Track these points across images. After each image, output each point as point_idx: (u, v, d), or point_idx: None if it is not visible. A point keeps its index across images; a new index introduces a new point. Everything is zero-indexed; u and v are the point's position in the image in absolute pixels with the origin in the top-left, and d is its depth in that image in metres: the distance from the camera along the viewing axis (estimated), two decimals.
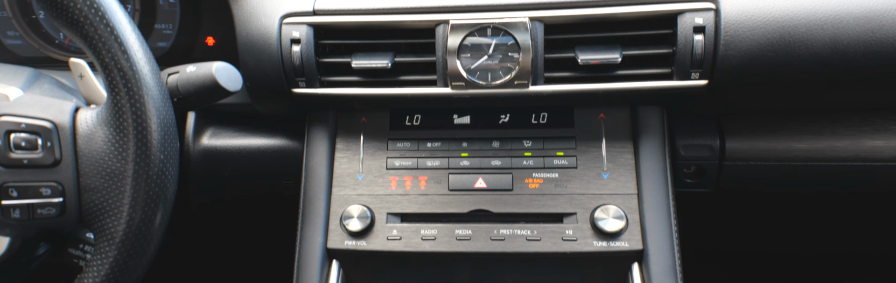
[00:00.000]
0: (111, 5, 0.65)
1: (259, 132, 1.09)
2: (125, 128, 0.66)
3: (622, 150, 0.98)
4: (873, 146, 1.01)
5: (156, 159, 0.66)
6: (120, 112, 0.66)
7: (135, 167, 0.66)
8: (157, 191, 0.67)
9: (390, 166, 0.99)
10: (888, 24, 0.83)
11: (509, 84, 0.90)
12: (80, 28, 0.64)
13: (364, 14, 0.91)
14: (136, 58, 0.65)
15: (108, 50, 0.64)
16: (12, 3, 1.14)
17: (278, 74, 0.92)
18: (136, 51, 0.66)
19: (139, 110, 0.65)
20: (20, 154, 0.66)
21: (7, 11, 1.15)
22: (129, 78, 0.65)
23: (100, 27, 0.64)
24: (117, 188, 0.67)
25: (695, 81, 0.89)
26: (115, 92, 0.66)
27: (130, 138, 0.66)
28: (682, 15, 0.87)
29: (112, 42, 0.64)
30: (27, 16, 1.15)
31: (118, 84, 0.65)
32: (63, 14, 0.64)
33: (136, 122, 0.65)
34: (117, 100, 0.66)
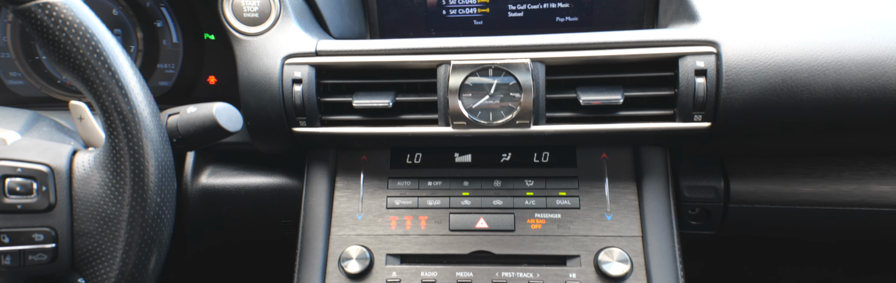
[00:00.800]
0: (114, 50, 0.66)
1: (258, 171, 1.09)
2: (122, 171, 0.65)
3: (625, 190, 0.97)
4: (880, 192, 1.00)
5: (152, 203, 0.65)
6: (118, 155, 0.66)
7: (130, 211, 0.65)
8: (152, 235, 0.66)
9: (390, 206, 0.98)
10: (890, 70, 0.83)
11: (511, 124, 0.89)
12: (82, 72, 0.65)
13: (366, 55, 0.92)
14: (137, 101, 0.66)
15: (108, 93, 0.65)
16: (16, 44, 1.16)
17: (279, 114, 0.92)
18: (137, 94, 0.66)
19: (137, 153, 0.65)
20: (14, 199, 0.66)
21: (10, 53, 1.17)
22: (128, 121, 0.65)
23: (101, 71, 0.64)
24: (111, 233, 0.66)
25: (698, 124, 0.88)
26: (113, 135, 0.65)
27: (127, 182, 0.65)
28: (683, 58, 0.87)
29: (113, 86, 0.64)
30: (30, 57, 1.17)
31: (117, 127, 0.65)
32: (66, 59, 0.64)
33: (133, 165, 0.65)
34: (116, 143, 0.65)
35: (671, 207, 0.96)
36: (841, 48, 0.84)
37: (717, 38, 0.87)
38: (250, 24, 0.95)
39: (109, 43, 0.66)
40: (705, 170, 1.05)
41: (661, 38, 0.88)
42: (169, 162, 0.68)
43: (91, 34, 0.64)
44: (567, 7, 1.11)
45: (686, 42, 0.87)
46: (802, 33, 0.86)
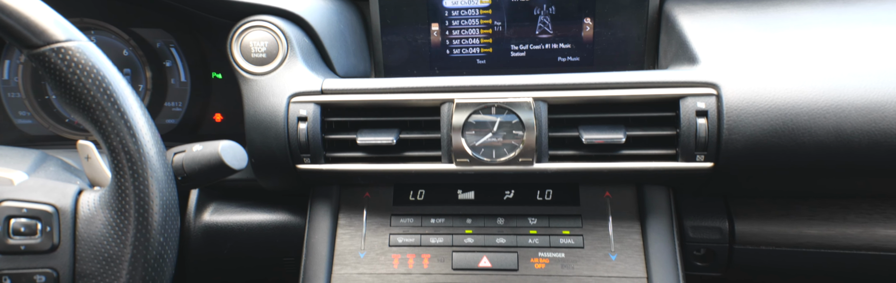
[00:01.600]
0: (124, 91, 0.67)
1: (261, 208, 1.10)
2: (127, 210, 0.66)
3: (629, 230, 0.97)
4: (886, 235, 1.00)
5: (155, 242, 0.66)
6: (123, 194, 0.66)
7: (133, 251, 0.65)
8: (154, 276, 0.66)
9: (393, 243, 0.98)
10: (890, 115, 0.84)
11: (514, 161, 0.90)
12: (92, 113, 0.66)
13: (371, 93, 0.93)
14: (144, 141, 0.66)
15: (116, 133, 0.65)
16: (27, 84, 1.19)
17: (284, 151, 0.93)
18: (144, 134, 0.67)
19: (142, 192, 0.65)
20: (18, 240, 0.66)
21: (21, 92, 1.19)
22: (135, 160, 0.65)
23: (111, 112, 0.65)
24: (113, 274, 0.66)
25: (700, 164, 0.89)
26: (120, 174, 0.66)
27: (131, 221, 0.65)
28: (684, 99, 0.88)
29: (122, 126, 0.65)
30: (40, 97, 1.19)
31: (123, 166, 0.66)
32: (77, 100, 0.66)
33: (138, 204, 0.65)
34: (121, 182, 0.66)
35: (676, 247, 0.96)
36: (840, 93, 0.85)
37: (718, 81, 0.88)
38: (258, 63, 0.97)
39: (120, 85, 0.67)
40: (710, 210, 1.05)
41: (662, 79, 0.90)
42: (173, 202, 0.68)
43: (102, 76, 0.66)
44: (569, 47, 1.13)
45: (687, 83, 0.89)
46: (802, 77, 0.87)
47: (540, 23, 1.13)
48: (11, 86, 1.20)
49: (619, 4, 1.10)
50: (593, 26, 1.12)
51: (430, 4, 1.13)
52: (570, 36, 1.13)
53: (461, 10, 1.12)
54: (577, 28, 1.12)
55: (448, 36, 1.14)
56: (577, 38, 1.13)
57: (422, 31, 1.14)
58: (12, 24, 0.64)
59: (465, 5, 1.12)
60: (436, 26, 1.14)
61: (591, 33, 1.12)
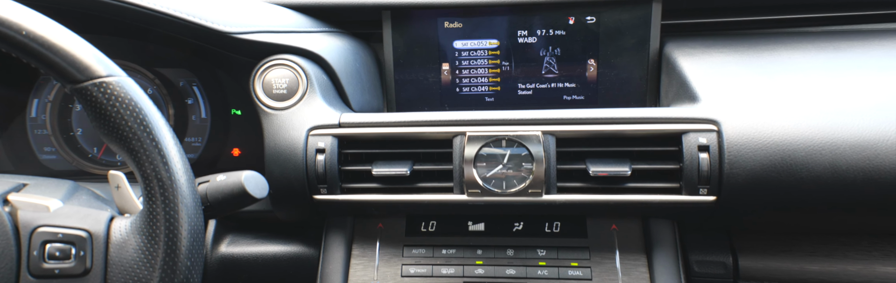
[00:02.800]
0: (158, 123, 0.71)
1: (275, 240, 1.12)
2: (157, 235, 0.68)
3: (636, 263, 0.99)
4: (885, 272, 1.02)
5: (182, 266, 0.68)
6: (154, 220, 0.69)
7: (161, 274, 0.68)
8: None
9: (405, 274, 1.00)
10: (882, 152, 0.87)
11: (523, 193, 0.93)
12: (129, 143, 0.69)
13: (386, 126, 0.97)
14: (176, 169, 0.70)
15: (151, 162, 0.69)
16: (54, 121, 1.24)
17: (302, 182, 0.96)
18: (176, 163, 0.70)
19: (172, 218, 0.68)
20: (52, 264, 0.69)
21: (47, 129, 1.24)
22: (166, 187, 0.69)
23: (146, 142, 0.69)
24: None
25: (703, 197, 0.92)
26: (151, 201, 0.69)
27: (161, 245, 0.68)
28: (686, 134, 0.92)
29: (156, 155, 0.69)
30: (65, 133, 1.24)
31: (156, 193, 0.69)
32: (114, 131, 0.69)
33: (167, 229, 0.68)
34: (153, 208, 0.69)
35: (682, 281, 0.98)
36: (834, 130, 0.89)
37: (718, 117, 0.91)
38: (279, 99, 1.01)
39: (155, 117, 0.71)
40: (714, 245, 1.07)
41: (666, 115, 0.93)
42: (200, 228, 0.71)
43: (140, 109, 0.70)
44: (574, 87, 1.18)
45: (688, 120, 0.93)
46: (797, 116, 0.91)
47: (546, 63, 1.19)
48: (39, 123, 1.24)
49: (621, 47, 1.16)
50: (597, 67, 1.17)
51: (441, 46, 1.19)
52: (575, 76, 1.19)
53: (470, 51, 1.19)
54: (582, 69, 1.18)
55: (458, 75, 1.20)
56: (581, 78, 1.18)
57: (433, 71, 1.20)
58: (58, 61, 0.68)
59: (474, 47, 1.18)
60: (446, 66, 1.20)
61: (594, 74, 1.18)
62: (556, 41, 1.17)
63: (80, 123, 1.25)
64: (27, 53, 0.67)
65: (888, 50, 1.03)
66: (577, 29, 1.16)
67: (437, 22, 1.18)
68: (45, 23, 0.68)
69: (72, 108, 1.24)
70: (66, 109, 1.24)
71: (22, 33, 0.66)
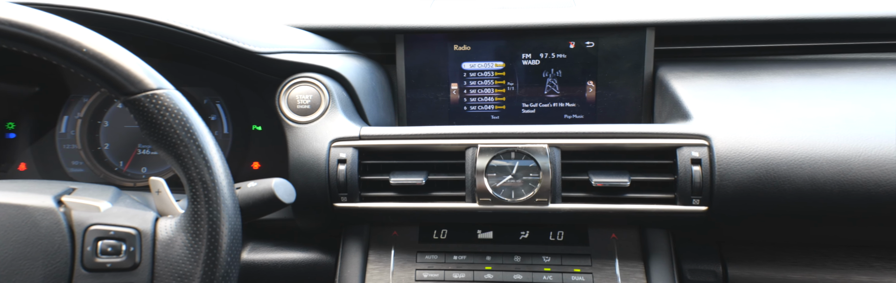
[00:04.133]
0: (203, 131, 0.76)
1: (294, 247, 1.16)
2: (200, 233, 0.73)
3: (634, 269, 1.04)
4: (860, 281, 1.07)
5: (223, 262, 0.72)
6: (198, 219, 0.73)
7: (204, 269, 0.72)
8: None
9: (419, 278, 1.05)
10: (855, 167, 0.93)
11: (531, 201, 0.98)
12: (176, 148, 0.74)
13: (403, 139, 1.03)
14: (218, 173, 0.74)
15: (195, 166, 0.73)
16: (83, 136, 1.28)
17: (324, 190, 1.02)
18: (218, 168, 0.75)
19: (215, 217, 0.73)
20: (104, 259, 0.73)
21: (77, 144, 1.29)
22: (209, 189, 0.73)
23: (192, 149, 0.74)
24: None
25: (696, 207, 0.97)
26: (195, 202, 0.74)
27: (204, 242, 0.72)
28: (680, 148, 0.98)
29: (200, 160, 0.74)
30: (93, 147, 1.29)
31: (200, 195, 0.73)
32: (163, 138, 0.74)
33: (210, 227, 0.72)
34: (197, 208, 0.73)
35: None
36: (813, 146, 0.95)
37: (709, 133, 0.98)
38: (302, 114, 1.07)
39: (200, 126, 0.76)
40: (705, 255, 1.12)
41: (661, 130, 1.00)
42: (239, 227, 0.75)
43: (187, 119, 0.75)
44: (574, 106, 1.25)
45: (682, 135, 0.99)
46: (779, 133, 0.97)
47: (548, 84, 1.24)
48: (68, 138, 1.29)
49: (618, 70, 1.22)
50: (596, 88, 1.23)
51: (451, 67, 1.25)
52: (575, 96, 1.24)
53: (478, 72, 1.25)
54: (582, 89, 1.24)
55: (466, 94, 1.25)
56: (581, 99, 1.24)
57: (442, 90, 1.26)
58: (114, 75, 0.73)
59: (481, 68, 1.24)
60: (455, 86, 1.25)
61: (593, 94, 1.23)
62: (558, 64, 1.24)
63: (107, 138, 1.30)
64: (86, 69, 0.72)
65: (858, 77, 1.10)
66: (577, 53, 1.23)
67: (447, 45, 1.25)
68: (102, 41, 0.73)
69: (100, 124, 1.29)
70: (94, 125, 1.29)
71: (82, 51, 0.71)
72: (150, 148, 1.28)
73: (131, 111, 0.75)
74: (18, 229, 0.70)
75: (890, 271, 1.06)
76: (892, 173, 0.92)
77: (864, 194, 0.92)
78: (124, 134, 1.30)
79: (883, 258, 1.07)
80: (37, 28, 0.70)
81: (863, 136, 0.95)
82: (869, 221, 0.96)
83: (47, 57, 0.72)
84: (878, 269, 1.06)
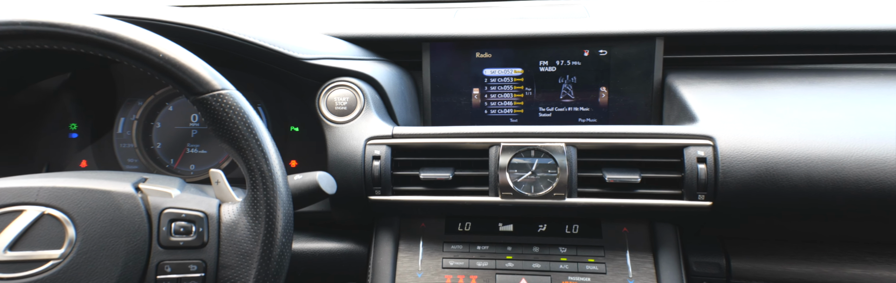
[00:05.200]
0: (260, 127, 0.84)
1: (330, 238, 1.23)
2: (259, 217, 0.81)
3: (644, 260, 1.11)
4: (853, 274, 1.12)
5: (279, 242, 0.80)
6: (256, 204, 0.81)
7: (263, 248, 0.80)
8: (277, 268, 0.80)
9: (445, 266, 1.12)
10: (848, 166, 0.98)
11: (549, 196, 1.05)
12: (238, 142, 0.82)
13: (432, 137, 1.10)
14: (274, 164, 0.83)
15: (254, 158, 0.82)
16: (138, 137, 1.38)
17: (360, 184, 1.09)
18: (274, 159, 0.83)
19: (271, 203, 0.81)
20: (177, 238, 0.81)
21: (133, 143, 1.38)
22: (266, 178, 0.82)
23: (252, 142, 0.82)
24: (247, 266, 0.80)
25: (701, 202, 1.03)
26: (254, 189, 0.82)
27: (262, 225, 0.80)
28: (687, 148, 1.04)
29: (259, 153, 0.82)
30: (147, 147, 1.38)
31: (258, 183, 0.82)
32: (227, 132, 0.82)
33: (267, 212, 0.81)
34: (255, 195, 0.82)
35: (682, 277, 1.09)
36: (809, 147, 1.01)
37: (714, 134, 1.04)
38: (340, 114, 1.15)
39: (258, 122, 0.84)
40: (710, 249, 1.18)
41: (670, 131, 1.06)
42: (291, 212, 0.83)
43: (247, 116, 0.83)
44: (588, 110, 1.31)
45: (689, 135, 1.05)
46: (778, 134, 1.03)
47: (563, 89, 1.30)
48: (124, 138, 1.39)
49: (629, 77, 1.28)
50: (608, 93, 1.29)
51: (473, 74, 1.32)
52: (589, 101, 1.30)
53: (498, 78, 1.32)
54: (595, 95, 1.30)
55: (487, 98, 1.33)
56: (594, 103, 1.30)
57: (465, 95, 1.33)
58: (185, 77, 0.81)
59: (501, 74, 1.32)
60: (476, 91, 1.32)
61: (606, 99, 1.29)
62: (573, 71, 1.30)
63: (159, 138, 1.38)
64: (161, 72, 0.81)
65: (852, 85, 1.16)
66: (590, 60, 1.29)
67: (470, 52, 1.31)
68: (175, 47, 0.82)
69: (153, 125, 1.38)
70: (148, 126, 1.38)
71: (159, 56, 0.80)
72: (197, 147, 1.37)
73: (199, 109, 0.83)
74: (104, 211, 0.79)
75: (882, 264, 1.12)
76: (882, 172, 0.98)
77: (856, 190, 0.98)
78: (174, 134, 1.39)
79: (875, 253, 1.13)
80: (121, 37, 0.80)
81: (855, 137, 1.01)
82: (860, 216, 1.02)
83: (129, 62, 0.81)
84: (870, 263, 1.12)
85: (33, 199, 0.79)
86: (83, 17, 0.79)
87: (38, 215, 0.78)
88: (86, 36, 0.79)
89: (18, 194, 0.80)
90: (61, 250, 0.77)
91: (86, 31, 0.79)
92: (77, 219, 0.79)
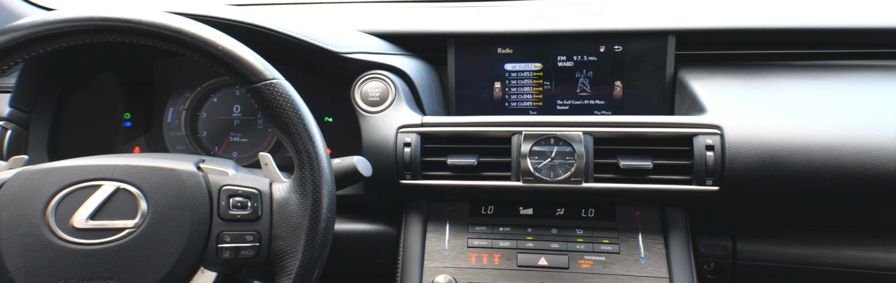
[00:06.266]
0: (307, 113, 0.91)
1: (362, 220, 1.31)
2: (306, 194, 0.89)
3: (655, 242, 1.18)
4: (850, 255, 1.18)
5: (325, 217, 0.88)
6: (304, 183, 0.89)
7: (310, 222, 0.88)
8: (323, 240, 0.88)
9: (470, 245, 1.20)
10: (846, 153, 1.04)
11: (567, 181, 1.11)
12: (287, 127, 0.90)
13: (459, 126, 1.16)
14: (319, 147, 0.91)
15: (302, 141, 0.90)
16: (186, 126, 1.47)
17: (392, 169, 1.16)
18: (319, 143, 0.91)
19: (317, 181, 0.89)
20: (235, 212, 0.89)
21: (181, 132, 1.48)
22: (313, 159, 0.89)
23: (300, 127, 0.90)
24: (297, 237, 0.88)
25: (709, 187, 1.09)
26: (302, 169, 0.89)
27: (309, 201, 0.88)
28: (696, 137, 1.09)
29: (306, 136, 0.90)
30: (194, 135, 1.48)
31: (305, 163, 0.89)
32: (278, 118, 0.90)
33: (314, 189, 0.89)
34: (303, 174, 0.90)
35: (691, 257, 1.15)
36: (810, 135, 1.06)
37: (721, 123, 1.09)
38: (373, 105, 1.23)
39: (305, 109, 0.91)
40: (717, 232, 1.24)
41: (680, 121, 1.12)
42: (334, 190, 0.91)
43: (296, 103, 0.91)
44: (603, 103, 1.37)
45: (698, 125, 1.10)
46: (781, 124, 1.08)
47: (580, 84, 1.36)
48: (173, 126, 1.48)
49: (642, 71, 1.33)
50: (622, 87, 1.35)
51: (495, 68, 1.38)
52: (604, 95, 1.36)
53: (518, 73, 1.38)
54: (610, 88, 1.36)
55: (507, 92, 1.39)
56: (609, 97, 1.36)
57: (487, 88, 1.39)
58: (241, 68, 0.89)
59: (521, 69, 1.38)
60: (498, 84, 1.39)
61: (620, 93, 1.35)
62: (589, 65, 1.35)
63: (205, 127, 1.47)
64: (219, 63, 0.89)
65: (853, 79, 1.22)
66: (606, 56, 1.34)
67: (492, 48, 1.37)
68: (232, 41, 0.90)
69: (199, 115, 1.47)
70: (194, 116, 1.47)
71: (218, 48, 0.88)
72: (239, 135, 1.47)
73: (252, 96, 0.91)
74: (171, 187, 0.88)
75: (877, 247, 1.18)
76: (878, 159, 1.03)
77: (853, 176, 1.04)
78: (219, 123, 1.48)
79: (872, 236, 1.19)
80: (185, 31, 0.88)
81: (853, 127, 1.06)
82: (857, 200, 1.07)
83: (191, 54, 0.90)
84: (867, 245, 1.18)
85: (110, 175, 0.88)
86: (153, 14, 0.88)
87: (114, 190, 0.87)
88: (154, 30, 0.87)
89: (96, 171, 0.89)
90: (135, 220, 0.86)
91: (155, 26, 0.87)
92: (148, 193, 0.87)
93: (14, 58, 0.89)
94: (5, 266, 0.83)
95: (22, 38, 0.87)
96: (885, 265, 1.17)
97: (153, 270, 0.84)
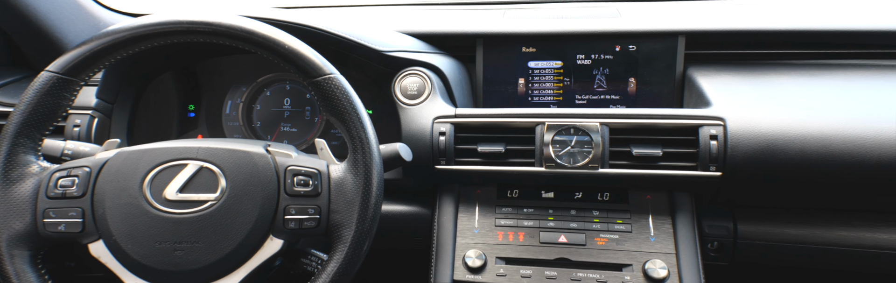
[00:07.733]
0: (359, 104, 1.01)
1: (399, 202, 1.41)
2: (359, 174, 0.99)
3: (664, 222, 1.27)
4: (840, 235, 1.26)
5: (375, 194, 0.98)
6: (356, 164, 0.99)
7: (362, 198, 0.98)
8: (373, 214, 0.98)
9: (497, 224, 1.29)
10: (835, 143, 1.11)
11: (585, 167, 1.20)
12: (342, 116, 1.00)
13: (488, 117, 1.25)
14: (370, 134, 1.00)
15: (355, 128, 0.99)
16: (242, 117, 1.59)
17: (428, 156, 1.26)
18: (370, 130, 1.01)
19: (368, 164, 0.99)
20: (299, 188, 0.99)
21: (238, 122, 1.60)
22: (364, 144, 0.99)
23: (353, 116, 1.00)
24: (351, 211, 0.98)
25: (712, 173, 1.17)
26: (355, 152, 0.99)
27: (361, 180, 0.98)
28: (701, 127, 1.18)
29: (359, 124, 1.00)
30: (249, 125, 1.60)
31: (358, 148, 0.99)
32: (335, 108, 0.99)
33: (365, 170, 0.99)
34: (356, 157, 1.00)
35: (696, 236, 1.23)
36: (802, 126, 1.14)
37: (724, 116, 1.17)
38: (411, 98, 1.33)
39: (358, 100, 1.01)
40: (720, 215, 1.32)
41: (688, 113, 1.20)
42: (381, 171, 1.01)
43: (350, 94, 1.01)
44: (618, 98, 1.44)
45: (704, 117, 1.19)
46: (779, 116, 1.15)
47: (597, 80, 1.43)
48: (231, 117, 1.60)
49: (654, 69, 1.40)
50: (636, 84, 1.41)
51: (519, 66, 1.45)
52: (619, 90, 1.42)
53: (541, 70, 1.46)
54: (625, 85, 1.42)
55: (530, 87, 1.46)
56: (624, 92, 1.42)
57: (512, 84, 1.46)
58: (303, 64, 1.00)
59: (543, 66, 1.46)
60: (522, 81, 1.46)
61: (634, 88, 1.42)
62: (606, 63, 1.42)
63: (259, 118, 1.59)
64: (285, 59, 1.00)
65: (848, 78, 1.28)
66: (621, 55, 1.41)
67: (517, 47, 1.44)
68: (296, 40, 1.01)
69: (254, 107, 1.59)
70: (250, 108, 1.59)
71: (285, 47, 0.99)
72: (289, 125, 1.59)
73: (313, 89, 1.01)
74: (246, 166, 1.00)
75: (866, 228, 1.26)
76: (863, 147, 1.11)
77: (842, 163, 1.12)
78: (271, 115, 1.60)
79: (861, 219, 1.27)
80: (257, 32, 1.01)
81: (843, 119, 1.14)
82: (845, 185, 1.15)
83: (261, 52, 1.02)
84: (856, 226, 1.27)
85: (194, 155, 1.01)
86: (231, 17, 1.01)
87: (198, 168, 1.00)
88: (232, 32, 1.00)
89: (183, 152, 1.01)
90: (216, 194, 0.98)
91: (233, 28, 1.00)
92: (227, 171, 0.99)
93: (115, 55, 1.02)
94: (110, 231, 0.97)
95: (122, 38, 1.01)
96: (871, 244, 1.26)
97: (231, 236, 0.96)
